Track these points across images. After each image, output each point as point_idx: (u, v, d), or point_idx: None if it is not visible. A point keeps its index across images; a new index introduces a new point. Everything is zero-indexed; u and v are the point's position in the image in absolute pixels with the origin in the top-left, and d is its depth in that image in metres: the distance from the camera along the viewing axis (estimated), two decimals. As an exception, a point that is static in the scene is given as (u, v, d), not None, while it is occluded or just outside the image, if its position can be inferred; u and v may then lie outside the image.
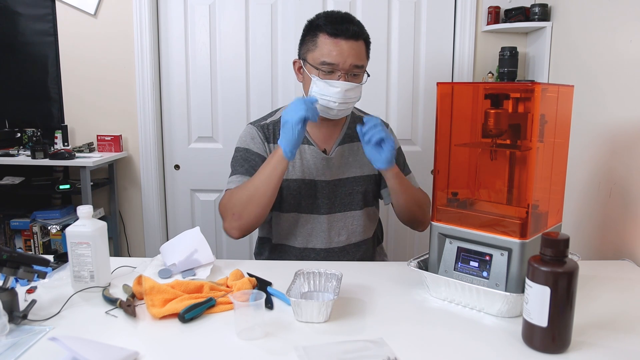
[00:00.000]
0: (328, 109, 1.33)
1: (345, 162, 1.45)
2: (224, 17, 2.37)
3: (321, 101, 1.32)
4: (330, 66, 1.31)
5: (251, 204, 1.30)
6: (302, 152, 1.42)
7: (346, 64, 1.30)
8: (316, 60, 1.32)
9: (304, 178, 1.42)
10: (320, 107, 1.33)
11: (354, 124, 1.47)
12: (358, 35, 1.32)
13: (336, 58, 1.30)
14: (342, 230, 1.45)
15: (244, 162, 1.41)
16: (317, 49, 1.32)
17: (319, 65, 1.32)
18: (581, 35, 1.82)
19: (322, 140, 1.45)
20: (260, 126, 1.45)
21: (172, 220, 2.56)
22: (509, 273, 0.97)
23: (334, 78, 1.31)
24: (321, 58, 1.31)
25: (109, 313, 0.96)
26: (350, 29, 1.30)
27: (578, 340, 0.86)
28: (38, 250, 2.36)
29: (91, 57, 2.40)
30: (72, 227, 1.05)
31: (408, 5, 2.34)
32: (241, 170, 1.40)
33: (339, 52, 1.30)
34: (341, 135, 1.46)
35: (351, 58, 1.30)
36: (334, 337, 0.88)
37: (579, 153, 1.63)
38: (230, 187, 1.38)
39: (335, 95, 1.30)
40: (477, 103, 1.09)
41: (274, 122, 1.46)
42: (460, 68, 2.34)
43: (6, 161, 2.23)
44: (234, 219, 1.33)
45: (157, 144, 2.45)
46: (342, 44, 1.30)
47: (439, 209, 1.08)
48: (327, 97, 1.31)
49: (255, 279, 1.10)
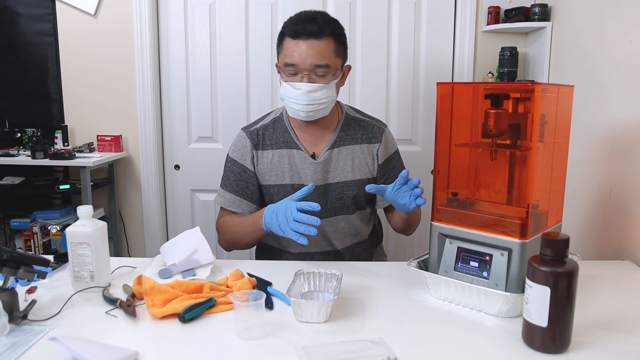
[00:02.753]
0: (297, 111, 1.33)
1: (334, 167, 1.43)
2: (224, 17, 2.37)
3: (290, 104, 1.32)
4: (292, 67, 1.30)
5: (236, 246, 1.45)
6: (290, 156, 1.42)
7: (306, 64, 1.28)
8: (281, 63, 1.33)
9: (293, 183, 1.41)
10: (291, 111, 1.35)
11: (347, 126, 1.45)
12: (318, 33, 1.28)
13: (296, 58, 1.29)
14: (336, 235, 1.45)
15: (230, 175, 1.46)
16: (282, 51, 1.33)
17: (283, 67, 1.32)
18: (581, 36, 1.82)
19: (310, 144, 1.43)
20: (250, 132, 1.45)
21: (172, 220, 2.56)
22: (509, 273, 0.97)
23: (297, 80, 1.31)
24: (284, 60, 1.31)
25: (109, 313, 0.96)
26: (308, 28, 1.28)
27: (578, 340, 0.86)
28: (38, 251, 2.36)
29: (91, 57, 2.40)
30: (72, 227, 1.05)
31: (408, 5, 2.34)
32: (227, 183, 1.46)
33: (298, 52, 1.28)
34: (332, 139, 1.43)
35: (311, 58, 1.28)
36: (334, 337, 0.88)
37: (579, 153, 1.63)
38: (218, 200, 1.48)
39: (298, 97, 1.30)
40: (477, 103, 1.09)
41: (264, 126, 1.45)
42: (460, 68, 2.34)
43: (6, 161, 2.23)
44: (224, 246, 1.48)
45: (157, 144, 2.45)
46: (301, 44, 1.28)
47: (439, 209, 1.08)
48: (292, 99, 1.31)
49: (255, 279, 1.10)
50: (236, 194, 1.44)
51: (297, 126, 1.43)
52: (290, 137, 1.42)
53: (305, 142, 1.43)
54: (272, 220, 1.19)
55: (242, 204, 1.44)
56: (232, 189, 1.44)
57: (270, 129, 1.45)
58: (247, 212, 1.43)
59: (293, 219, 1.12)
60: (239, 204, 1.44)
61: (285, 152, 1.42)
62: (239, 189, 1.44)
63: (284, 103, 1.36)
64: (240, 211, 1.44)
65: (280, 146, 1.42)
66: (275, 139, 1.43)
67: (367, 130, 1.47)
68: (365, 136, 1.46)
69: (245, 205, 1.44)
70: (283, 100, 1.35)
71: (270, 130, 1.44)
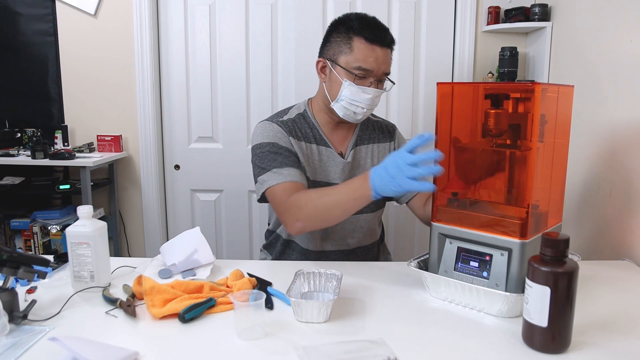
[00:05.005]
0: (354, 114, 1.33)
1: (358, 165, 1.44)
2: (224, 17, 2.37)
3: (349, 106, 1.31)
4: (365, 72, 1.29)
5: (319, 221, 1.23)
6: (320, 153, 1.40)
7: (380, 71, 1.30)
8: (350, 64, 1.29)
9: (319, 180, 1.39)
10: (344, 112, 1.33)
11: (364, 125, 1.48)
12: (391, 43, 1.32)
13: (372, 64, 1.28)
14: (354, 233, 1.44)
15: (276, 156, 1.31)
16: (353, 53, 1.29)
17: (353, 69, 1.29)
18: (581, 36, 1.82)
19: (337, 143, 1.44)
20: (280, 122, 1.39)
21: (172, 220, 2.56)
22: (509, 273, 0.97)
23: (365, 84, 1.30)
24: (356, 63, 1.28)
25: (109, 313, 0.96)
26: (387, 37, 1.30)
27: (578, 340, 0.86)
28: (38, 251, 2.36)
29: (91, 57, 2.40)
30: (72, 227, 1.05)
31: (408, 5, 2.34)
32: (275, 164, 1.29)
33: (375, 58, 1.28)
34: (354, 137, 1.45)
35: (384, 66, 1.30)
36: (334, 337, 0.88)
37: (579, 153, 1.63)
38: (272, 183, 1.27)
39: (365, 102, 1.30)
40: (477, 103, 1.09)
41: (292, 119, 1.41)
42: (460, 68, 2.34)
43: (6, 161, 2.23)
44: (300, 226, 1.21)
45: (157, 144, 2.45)
46: (378, 51, 1.29)
47: (439, 209, 1.08)
48: (357, 102, 1.30)
49: (255, 279, 1.10)
50: (293, 167, 1.30)
51: (326, 124, 1.42)
52: (319, 134, 1.41)
53: (333, 140, 1.43)
54: (383, 178, 1.02)
55: (303, 177, 1.31)
56: (286, 164, 1.29)
57: (299, 123, 1.41)
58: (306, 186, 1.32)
59: (406, 164, 0.98)
60: (299, 175, 1.29)
61: (315, 148, 1.40)
62: (291, 162, 1.30)
63: (339, 104, 1.32)
64: (304, 183, 1.29)
65: (310, 141, 1.40)
66: (305, 133, 1.40)
67: (382, 130, 1.51)
68: (381, 135, 1.50)
69: (305, 179, 1.31)
70: (339, 100, 1.31)
71: (299, 124, 1.41)
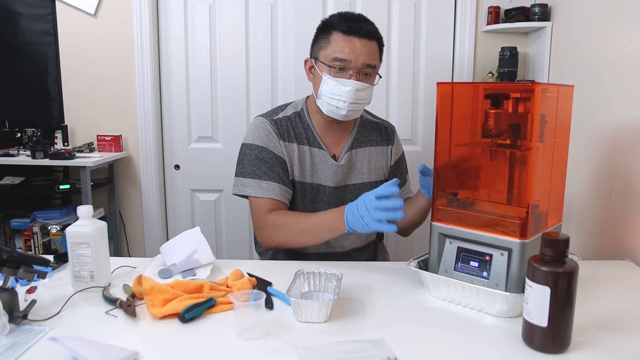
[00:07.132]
0: (337, 109, 1.30)
1: (352, 168, 1.43)
2: (224, 17, 2.37)
3: (330, 100, 1.30)
4: (342, 62, 1.27)
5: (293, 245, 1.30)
6: (312, 155, 1.39)
7: (358, 62, 1.27)
8: (328, 57, 1.29)
9: (312, 182, 1.39)
10: (327, 107, 1.31)
11: (362, 127, 1.45)
12: (372, 34, 1.30)
13: (349, 55, 1.27)
14: (349, 235, 1.41)
15: (261, 164, 1.33)
16: (330, 46, 1.29)
17: (330, 62, 1.28)
18: (581, 35, 1.82)
19: (331, 145, 1.41)
20: (273, 121, 1.37)
21: (172, 220, 2.56)
22: (509, 273, 0.97)
23: (345, 77, 1.28)
24: (333, 54, 1.28)
25: (109, 313, 0.96)
26: (365, 27, 1.28)
27: (578, 340, 0.86)
28: (38, 250, 2.36)
29: (91, 57, 2.40)
30: (72, 227, 1.05)
31: (408, 5, 2.34)
32: (258, 172, 1.32)
33: (351, 49, 1.27)
34: (350, 140, 1.43)
35: (364, 57, 1.28)
36: (334, 337, 0.88)
37: (579, 153, 1.63)
38: (251, 193, 1.31)
39: (346, 94, 1.27)
40: (477, 103, 1.09)
41: (287, 117, 1.40)
42: (460, 68, 2.34)
43: (6, 161, 2.23)
44: (273, 245, 1.30)
45: (157, 144, 2.45)
46: (356, 42, 1.27)
47: (439, 209, 1.08)
48: (337, 96, 1.28)
49: (255, 279, 1.10)
50: (274, 181, 1.32)
51: (320, 125, 1.40)
52: (312, 135, 1.39)
53: (327, 141, 1.41)
54: (354, 215, 1.09)
55: (283, 191, 1.32)
56: (268, 176, 1.32)
57: (293, 122, 1.39)
58: (288, 200, 1.35)
59: (373, 207, 1.04)
60: (279, 191, 1.31)
61: (307, 150, 1.38)
62: (274, 174, 1.32)
63: (321, 99, 1.32)
64: (283, 200, 1.33)
65: (303, 142, 1.38)
66: (298, 134, 1.38)
67: (380, 132, 1.49)
68: (380, 138, 1.48)
69: (286, 193, 1.33)
70: (321, 96, 1.31)
71: (293, 123, 1.39)
